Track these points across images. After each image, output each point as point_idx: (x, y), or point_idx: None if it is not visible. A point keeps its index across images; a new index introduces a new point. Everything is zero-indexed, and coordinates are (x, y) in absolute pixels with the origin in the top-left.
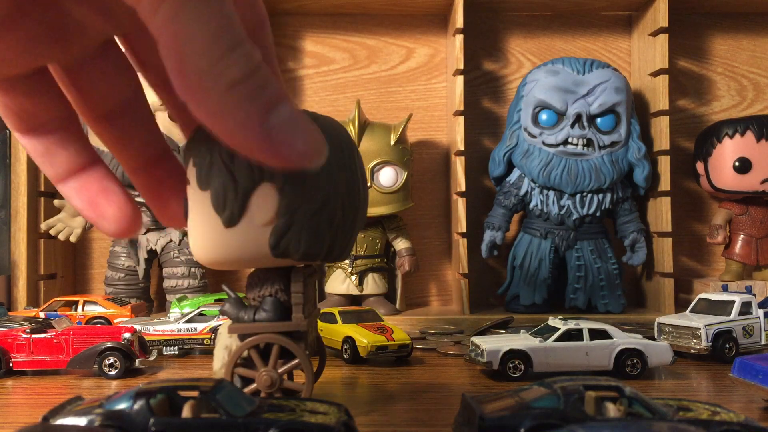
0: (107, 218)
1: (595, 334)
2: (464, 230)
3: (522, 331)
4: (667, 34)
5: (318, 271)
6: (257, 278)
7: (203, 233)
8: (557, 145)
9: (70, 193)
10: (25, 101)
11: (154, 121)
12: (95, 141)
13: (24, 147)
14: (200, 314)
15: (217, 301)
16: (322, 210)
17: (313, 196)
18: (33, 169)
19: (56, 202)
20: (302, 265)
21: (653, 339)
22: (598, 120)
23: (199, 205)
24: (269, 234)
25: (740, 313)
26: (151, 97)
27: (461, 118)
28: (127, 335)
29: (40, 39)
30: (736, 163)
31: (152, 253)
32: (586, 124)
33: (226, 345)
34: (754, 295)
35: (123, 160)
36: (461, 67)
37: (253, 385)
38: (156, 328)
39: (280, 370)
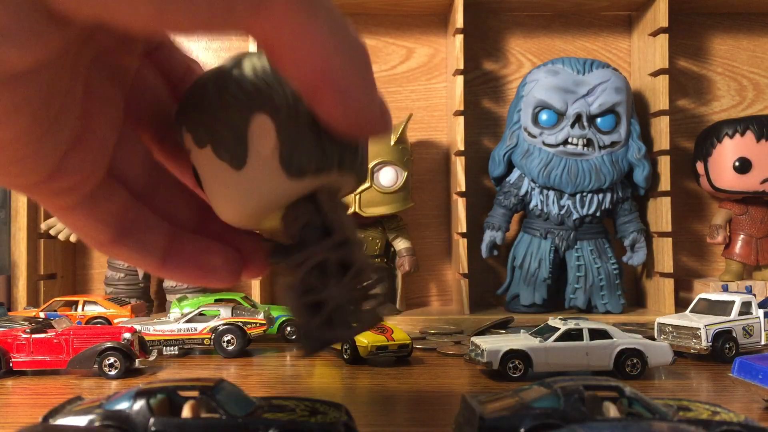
0: (218, 270)
1: (595, 334)
2: (464, 230)
3: (522, 331)
4: (667, 34)
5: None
6: (289, 218)
7: (220, 191)
8: (557, 145)
9: (174, 272)
10: (110, 205)
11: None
12: None
13: (117, 258)
14: (200, 314)
15: (217, 301)
16: (315, 121)
17: (304, 110)
18: None
19: None
20: (324, 184)
21: (653, 339)
22: (598, 120)
23: (206, 165)
24: (278, 159)
25: (740, 313)
26: None
27: (461, 118)
28: (127, 335)
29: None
30: (736, 163)
31: None
32: (586, 124)
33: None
34: (754, 295)
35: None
36: (461, 67)
37: (329, 307)
38: (156, 328)
39: (346, 281)
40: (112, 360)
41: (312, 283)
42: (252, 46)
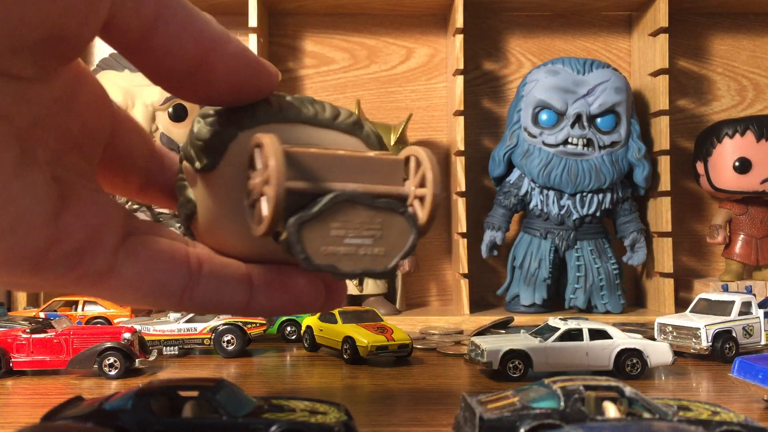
0: (304, 293)
1: (595, 334)
2: (464, 230)
3: (522, 331)
4: (667, 34)
5: None
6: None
7: (215, 236)
8: (557, 145)
9: (263, 302)
10: (160, 254)
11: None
12: None
13: (199, 310)
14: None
15: None
16: (200, 118)
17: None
18: None
19: None
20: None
21: (653, 339)
22: (598, 120)
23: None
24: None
25: (740, 313)
26: (154, 96)
27: (461, 118)
28: (127, 335)
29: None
30: (736, 163)
31: None
32: (586, 124)
33: None
34: (754, 295)
35: None
36: (461, 67)
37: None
38: (156, 328)
39: (256, 172)
40: (112, 360)
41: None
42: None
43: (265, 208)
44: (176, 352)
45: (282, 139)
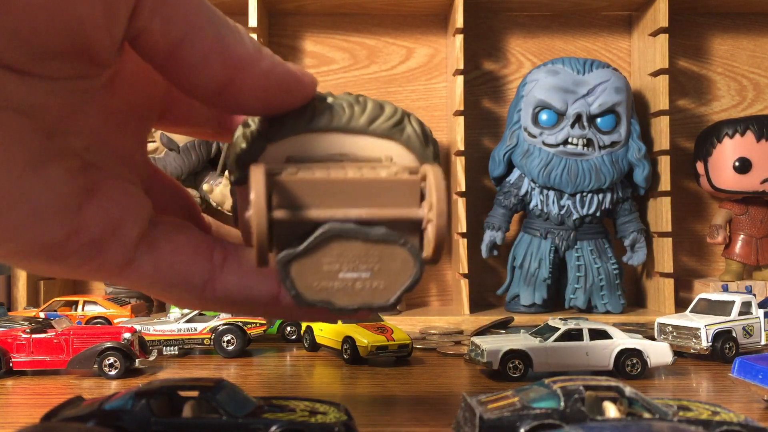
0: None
1: (595, 334)
2: (464, 230)
3: (522, 331)
4: (667, 34)
5: None
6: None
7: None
8: (557, 145)
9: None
10: (179, 245)
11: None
12: None
13: (227, 308)
14: (200, 314)
15: None
16: (243, 126)
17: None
18: None
19: None
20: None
21: (653, 339)
22: (598, 120)
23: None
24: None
25: (740, 313)
26: None
27: (461, 118)
28: (127, 335)
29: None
30: (736, 163)
31: None
32: (586, 124)
33: None
34: (754, 295)
35: None
36: (461, 67)
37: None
38: (156, 328)
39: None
40: (112, 360)
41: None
42: None
43: (254, 240)
44: (176, 352)
45: (317, 152)
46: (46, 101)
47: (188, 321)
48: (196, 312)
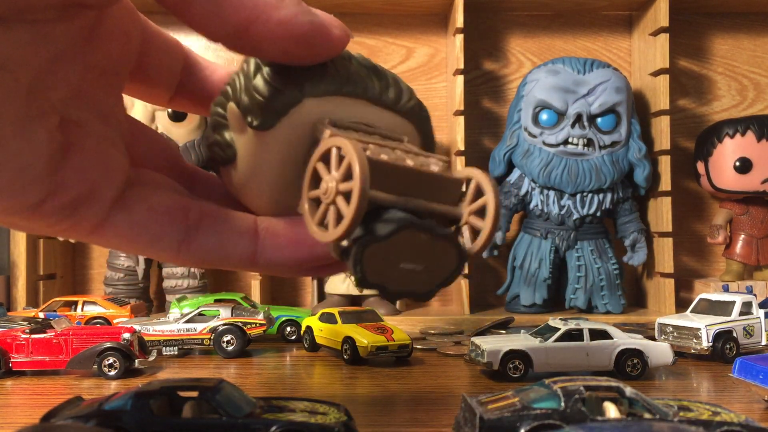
0: (319, 248)
1: (596, 334)
2: None
3: (522, 331)
4: (668, 34)
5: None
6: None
7: (238, 188)
8: (557, 145)
9: (272, 257)
10: (153, 208)
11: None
12: None
13: (204, 265)
14: (200, 314)
15: (216, 301)
16: (265, 73)
17: (254, 74)
18: None
19: None
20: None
21: (654, 339)
22: (599, 120)
23: (228, 182)
24: (250, 127)
25: (741, 314)
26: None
27: (461, 118)
28: (126, 335)
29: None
30: (737, 163)
31: None
32: (586, 123)
33: None
34: (755, 295)
35: None
36: (461, 67)
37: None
38: (155, 329)
39: (332, 174)
40: (111, 360)
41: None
42: None
43: (345, 213)
44: (176, 353)
45: (344, 116)
46: (26, 53)
47: (188, 321)
48: (195, 312)
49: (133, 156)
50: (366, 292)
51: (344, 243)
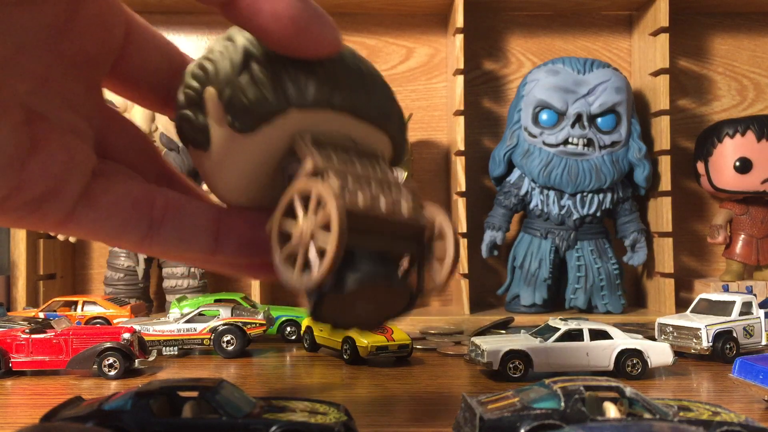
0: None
1: (596, 334)
2: (464, 230)
3: (522, 331)
4: (668, 34)
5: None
6: (281, 176)
7: (205, 175)
8: (557, 145)
9: (229, 255)
10: (118, 202)
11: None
12: None
13: (167, 257)
14: (200, 314)
15: (216, 301)
16: (255, 69)
17: (244, 68)
18: None
19: None
20: (303, 130)
21: (654, 339)
22: (599, 120)
23: (197, 163)
24: (227, 122)
25: (741, 314)
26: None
27: (461, 118)
28: (126, 335)
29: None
30: (737, 163)
31: None
32: (586, 123)
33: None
34: (755, 295)
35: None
36: (461, 67)
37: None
38: (155, 329)
39: (307, 218)
40: (111, 360)
41: (285, 225)
42: None
43: (315, 266)
44: (176, 353)
45: (326, 127)
46: None
47: (188, 321)
48: (196, 312)
49: (106, 147)
50: None
51: (311, 294)
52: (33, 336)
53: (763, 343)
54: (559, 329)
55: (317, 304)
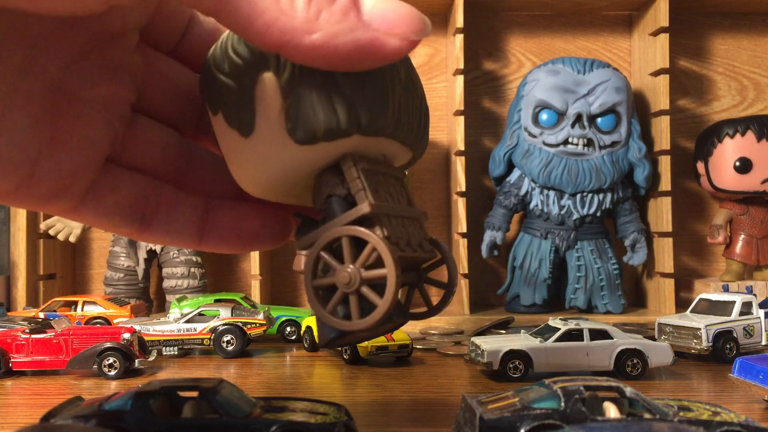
0: (258, 235)
1: (596, 334)
2: (464, 230)
3: (522, 331)
4: (668, 34)
5: (387, 162)
6: (315, 190)
7: (233, 159)
8: (557, 145)
9: (213, 244)
10: (121, 197)
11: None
12: None
13: (155, 242)
14: (200, 314)
15: (216, 301)
16: (327, 78)
17: (310, 71)
18: None
19: None
20: (349, 151)
21: (654, 339)
22: (599, 120)
23: (220, 133)
24: (284, 123)
25: (741, 314)
26: None
27: (461, 118)
28: (126, 335)
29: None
30: (737, 163)
31: (152, 253)
32: (586, 123)
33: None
34: (755, 295)
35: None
36: (461, 67)
37: (338, 294)
38: (155, 329)
39: (356, 264)
40: (111, 360)
41: (326, 264)
42: None
43: (374, 312)
44: (176, 353)
45: (371, 149)
46: (21, 30)
47: (188, 321)
48: (196, 312)
49: (145, 99)
50: None
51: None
52: (33, 336)
53: (763, 343)
54: (559, 329)
55: (337, 338)
